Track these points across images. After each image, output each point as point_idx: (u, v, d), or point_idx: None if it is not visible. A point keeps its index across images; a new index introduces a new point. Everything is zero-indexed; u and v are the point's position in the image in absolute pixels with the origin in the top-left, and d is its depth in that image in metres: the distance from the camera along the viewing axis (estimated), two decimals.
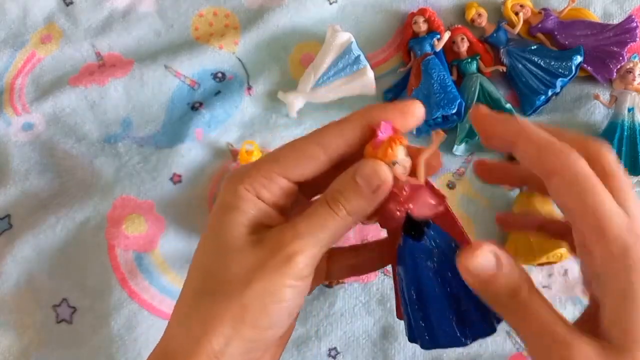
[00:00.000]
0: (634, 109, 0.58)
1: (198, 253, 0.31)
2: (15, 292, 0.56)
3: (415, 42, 0.63)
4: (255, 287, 0.27)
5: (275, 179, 0.30)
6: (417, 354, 0.54)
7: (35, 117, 0.63)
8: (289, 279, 0.28)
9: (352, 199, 0.29)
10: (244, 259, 0.28)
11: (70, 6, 0.67)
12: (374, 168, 0.28)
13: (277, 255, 0.28)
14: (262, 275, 0.28)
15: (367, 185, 0.28)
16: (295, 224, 0.29)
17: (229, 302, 0.28)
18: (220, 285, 0.28)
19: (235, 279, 0.28)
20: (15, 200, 0.60)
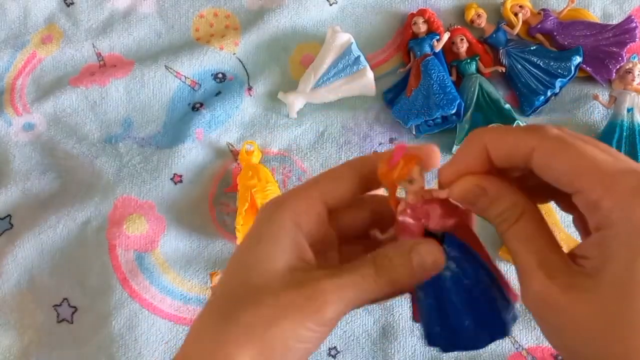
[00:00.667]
0: (633, 109, 0.58)
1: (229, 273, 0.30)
2: (16, 292, 0.57)
3: (414, 42, 0.63)
4: (281, 326, 0.27)
5: (314, 203, 0.30)
6: (416, 353, 0.55)
7: (36, 117, 0.63)
8: (318, 326, 0.27)
9: (400, 270, 0.28)
10: (277, 296, 0.27)
11: (71, 7, 0.67)
12: (435, 254, 0.29)
13: (312, 301, 0.27)
14: (293, 317, 0.27)
15: (421, 266, 0.28)
16: (337, 275, 0.28)
17: (254, 336, 0.27)
18: (250, 315, 0.27)
19: (265, 314, 0.27)
20: (16, 200, 0.60)
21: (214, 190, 0.60)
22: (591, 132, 0.61)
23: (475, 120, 0.60)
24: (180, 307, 0.56)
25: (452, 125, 0.61)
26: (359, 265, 0.29)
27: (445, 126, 0.61)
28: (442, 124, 0.61)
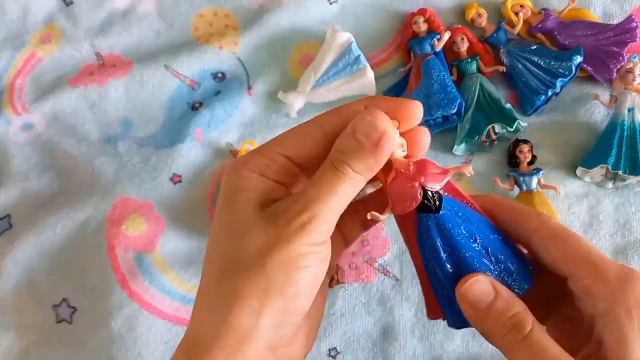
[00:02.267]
0: (634, 109, 0.58)
1: (212, 240, 0.31)
2: (16, 292, 0.56)
3: (415, 42, 0.63)
4: (276, 256, 0.27)
5: (277, 159, 0.31)
6: (417, 353, 0.54)
7: (35, 117, 0.63)
8: (307, 244, 0.28)
9: (356, 157, 0.28)
10: (259, 233, 0.28)
11: (70, 6, 0.67)
12: (371, 120, 0.28)
13: (292, 223, 0.28)
14: (280, 244, 0.27)
15: (369, 139, 0.28)
16: (305, 191, 0.29)
17: (251, 276, 0.27)
18: (240, 263, 0.28)
19: (254, 253, 0.28)
20: (16, 201, 0.60)
21: (214, 190, 0.60)
22: (592, 132, 0.60)
23: (476, 119, 0.60)
24: (179, 308, 0.56)
25: (452, 125, 0.61)
26: (321, 172, 0.29)
27: (446, 126, 0.60)
28: (442, 124, 0.60)
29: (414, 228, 0.30)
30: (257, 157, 0.31)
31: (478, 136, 0.59)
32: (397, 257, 0.57)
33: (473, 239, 0.29)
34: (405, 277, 0.57)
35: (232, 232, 0.29)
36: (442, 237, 0.29)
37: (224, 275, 0.28)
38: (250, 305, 0.27)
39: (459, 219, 0.29)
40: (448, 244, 0.29)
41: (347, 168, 0.28)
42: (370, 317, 0.56)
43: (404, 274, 0.57)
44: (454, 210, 0.30)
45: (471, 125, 0.60)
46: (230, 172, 0.31)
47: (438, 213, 0.29)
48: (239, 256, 0.28)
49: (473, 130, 0.60)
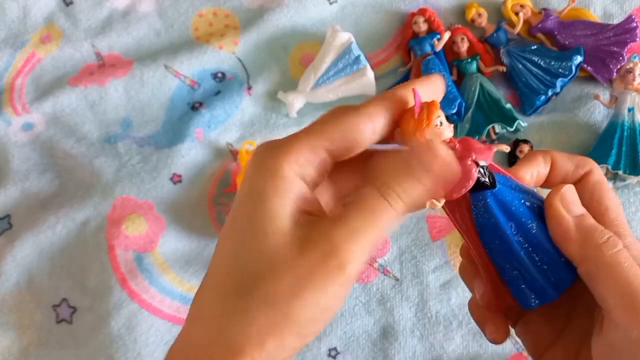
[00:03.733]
0: (634, 109, 0.58)
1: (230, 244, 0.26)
2: (15, 292, 0.56)
3: (415, 42, 0.63)
4: (306, 297, 0.24)
5: (321, 155, 0.25)
6: (417, 354, 0.54)
7: (35, 117, 0.63)
8: (341, 287, 0.24)
9: (411, 189, 0.25)
10: (292, 262, 0.24)
11: (70, 6, 0.67)
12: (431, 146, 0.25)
13: (330, 261, 0.24)
14: (314, 286, 0.24)
15: (426, 168, 0.25)
16: (347, 220, 0.24)
17: (274, 313, 0.24)
18: (264, 291, 0.24)
19: (282, 287, 0.24)
20: (15, 201, 0.60)
21: (214, 190, 0.60)
22: (592, 132, 0.60)
23: (476, 119, 0.60)
24: (179, 308, 0.55)
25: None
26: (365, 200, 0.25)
27: None
28: None
29: (469, 212, 0.28)
30: (300, 148, 0.25)
31: (478, 136, 0.59)
32: (397, 257, 0.57)
33: (531, 207, 0.28)
34: (405, 277, 0.57)
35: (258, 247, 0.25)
36: (505, 211, 0.27)
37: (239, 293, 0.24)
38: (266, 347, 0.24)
39: (513, 190, 0.28)
40: (512, 218, 0.27)
41: (398, 201, 0.25)
42: (370, 317, 0.56)
43: (404, 274, 0.57)
44: (505, 184, 0.28)
45: (471, 125, 0.60)
46: (265, 163, 0.25)
47: (495, 188, 0.27)
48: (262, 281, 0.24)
49: (473, 130, 0.59)
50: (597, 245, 0.26)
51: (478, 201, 0.28)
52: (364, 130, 0.26)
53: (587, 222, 0.27)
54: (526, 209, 0.28)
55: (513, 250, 0.27)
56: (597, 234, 0.26)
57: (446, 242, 0.58)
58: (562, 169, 0.30)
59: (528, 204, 0.28)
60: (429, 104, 0.26)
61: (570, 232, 0.26)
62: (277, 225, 0.25)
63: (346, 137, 0.26)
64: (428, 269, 0.57)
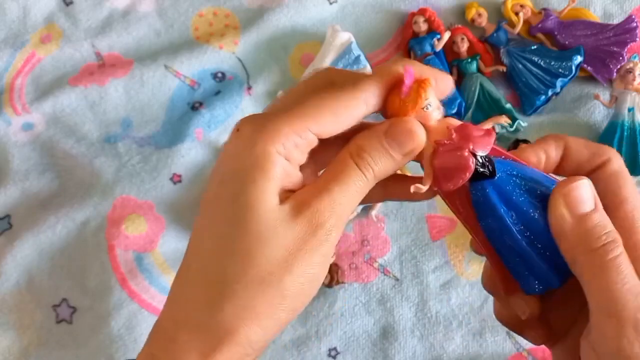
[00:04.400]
0: (634, 109, 0.58)
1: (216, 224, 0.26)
2: (15, 292, 0.56)
3: (415, 42, 0.63)
4: (296, 271, 0.25)
5: (308, 137, 0.26)
6: (417, 354, 0.54)
7: (35, 117, 0.63)
8: (325, 256, 0.25)
9: (382, 162, 0.26)
10: (281, 237, 0.25)
11: (70, 6, 0.67)
12: (409, 128, 0.26)
13: (318, 231, 0.25)
14: (304, 257, 0.25)
15: (400, 148, 0.26)
16: (329, 190, 0.25)
17: (267, 291, 0.24)
18: (256, 269, 0.24)
19: (273, 263, 0.24)
20: (15, 201, 0.60)
21: None
22: (592, 132, 0.60)
23: (476, 119, 0.60)
24: None
25: None
26: (344, 169, 0.26)
27: None
28: None
29: (469, 201, 0.27)
30: (286, 132, 0.25)
31: None
32: (397, 257, 0.57)
33: (534, 193, 0.27)
34: (405, 277, 0.57)
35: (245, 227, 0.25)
36: (505, 201, 0.27)
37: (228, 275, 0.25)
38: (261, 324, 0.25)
39: (515, 178, 0.27)
40: (512, 207, 0.27)
41: (371, 172, 0.26)
42: (370, 317, 0.56)
43: (404, 274, 0.57)
44: (507, 171, 0.27)
45: None
46: (252, 146, 0.25)
47: (494, 178, 0.27)
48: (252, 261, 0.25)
49: None
50: (590, 250, 0.25)
51: (477, 191, 0.27)
52: (357, 113, 0.26)
53: (587, 224, 0.25)
54: (527, 197, 0.27)
55: (514, 239, 0.27)
56: (594, 238, 0.25)
57: (446, 242, 0.58)
58: (575, 156, 0.28)
59: (530, 191, 0.27)
60: (419, 83, 0.26)
61: (566, 232, 0.25)
62: (265, 205, 0.25)
63: (337, 120, 0.26)
64: (428, 269, 0.57)
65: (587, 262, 0.25)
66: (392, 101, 0.26)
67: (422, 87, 0.26)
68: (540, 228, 0.26)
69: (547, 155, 0.28)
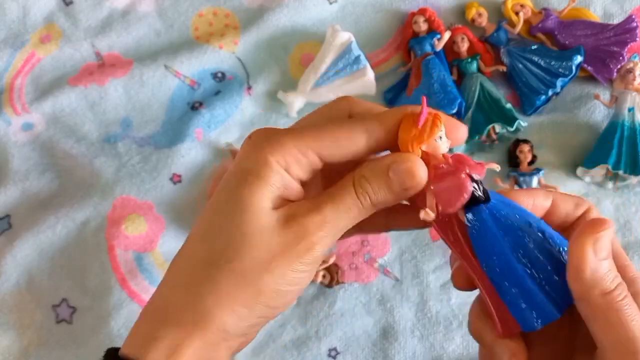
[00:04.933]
0: (634, 108, 0.58)
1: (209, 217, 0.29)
2: (15, 292, 0.56)
3: (415, 41, 0.63)
4: (276, 272, 0.27)
5: (309, 156, 0.28)
6: (416, 354, 0.54)
7: (34, 117, 0.63)
8: (307, 265, 0.27)
9: (380, 193, 0.28)
10: (267, 239, 0.27)
11: (70, 6, 0.67)
12: (413, 167, 0.27)
13: (301, 242, 0.27)
14: (284, 262, 0.27)
15: (400, 183, 0.27)
16: (321, 208, 0.27)
17: (246, 284, 0.27)
18: (238, 261, 0.27)
19: (255, 260, 0.27)
20: (15, 201, 0.60)
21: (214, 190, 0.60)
22: (592, 132, 0.60)
23: (476, 119, 0.60)
24: None
25: None
26: (341, 193, 0.28)
27: None
28: None
29: (462, 230, 0.28)
30: (289, 148, 0.27)
31: (478, 136, 0.59)
32: (397, 257, 0.57)
33: (528, 223, 0.27)
34: (405, 277, 0.57)
35: (237, 222, 0.27)
36: (501, 226, 0.27)
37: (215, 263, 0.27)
38: (237, 310, 0.27)
39: (506, 205, 0.28)
40: (509, 232, 0.27)
41: (367, 199, 0.28)
42: (370, 317, 0.56)
43: (404, 274, 0.57)
44: (500, 200, 0.28)
45: (471, 125, 0.60)
46: (255, 154, 0.28)
47: (489, 202, 0.27)
48: (237, 253, 0.27)
49: (473, 130, 0.59)
50: (604, 292, 0.26)
51: (473, 216, 0.27)
52: (358, 142, 0.28)
53: (603, 268, 0.26)
54: (524, 224, 0.27)
55: (510, 266, 0.27)
56: (608, 282, 0.26)
57: None
58: (563, 208, 0.30)
59: (524, 220, 0.27)
60: (434, 116, 0.27)
61: (586, 274, 0.26)
62: (256, 206, 0.27)
63: (337, 145, 0.28)
64: (428, 269, 0.57)
65: (602, 303, 0.26)
66: (407, 130, 0.27)
67: (438, 118, 0.27)
68: (537, 256, 0.27)
69: (534, 202, 0.30)
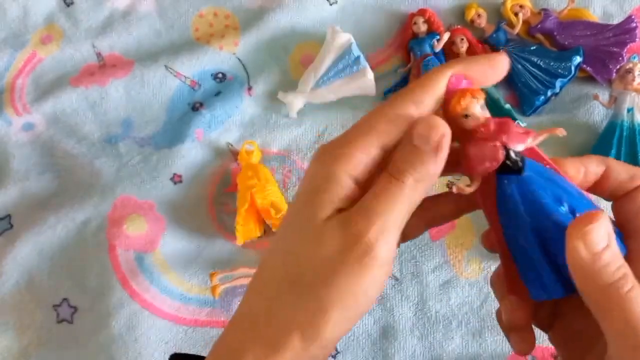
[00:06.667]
0: (633, 109, 0.58)
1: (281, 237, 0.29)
2: (16, 292, 0.57)
3: (415, 42, 0.63)
4: (341, 285, 0.26)
5: (372, 152, 0.27)
6: (416, 353, 0.54)
7: (35, 117, 0.63)
8: (376, 270, 0.26)
9: (416, 165, 0.27)
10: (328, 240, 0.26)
11: (71, 6, 0.67)
12: (428, 124, 0.27)
13: (356, 250, 0.26)
14: (348, 275, 0.26)
15: (427, 144, 0.26)
16: (366, 208, 0.27)
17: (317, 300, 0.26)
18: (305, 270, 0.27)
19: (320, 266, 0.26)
20: (16, 200, 0.60)
21: (214, 191, 0.60)
22: (591, 132, 0.61)
23: None
24: (180, 308, 0.56)
25: None
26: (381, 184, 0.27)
27: None
28: None
29: (493, 194, 0.28)
30: (352, 152, 0.27)
31: None
32: (397, 257, 0.57)
33: (560, 202, 0.27)
34: (405, 277, 0.57)
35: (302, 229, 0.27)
36: (526, 201, 0.27)
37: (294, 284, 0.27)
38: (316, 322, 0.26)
39: (544, 182, 0.27)
40: (533, 208, 0.27)
41: (408, 177, 0.27)
42: (370, 317, 0.56)
43: (404, 273, 0.57)
44: (538, 173, 0.27)
45: None
46: (320, 168, 0.28)
47: (521, 174, 0.27)
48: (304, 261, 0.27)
49: None
50: (605, 285, 0.25)
51: (502, 185, 0.27)
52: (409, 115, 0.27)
53: (602, 260, 0.26)
54: (552, 203, 0.27)
55: (527, 239, 0.27)
56: (608, 274, 0.25)
57: (446, 242, 0.58)
58: (616, 177, 0.29)
59: (557, 199, 0.27)
60: (461, 91, 0.27)
61: (583, 268, 0.26)
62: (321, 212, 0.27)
63: (394, 127, 0.27)
64: (428, 269, 0.57)
65: (603, 296, 0.25)
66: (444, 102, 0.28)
67: (462, 97, 0.27)
68: (556, 236, 0.26)
69: (586, 170, 0.29)
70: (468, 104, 0.27)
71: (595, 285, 0.26)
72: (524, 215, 0.27)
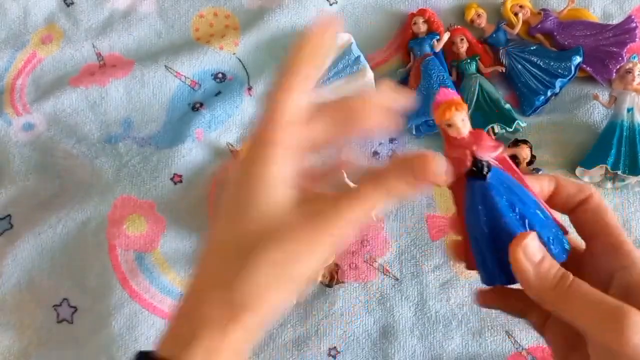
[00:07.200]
0: (633, 109, 0.58)
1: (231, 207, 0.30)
2: (16, 292, 0.57)
3: (415, 42, 0.63)
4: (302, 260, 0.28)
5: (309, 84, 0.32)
6: (416, 353, 0.54)
7: (35, 117, 0.63)
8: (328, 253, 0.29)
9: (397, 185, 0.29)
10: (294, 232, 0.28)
11: (71, 7, 0.67)
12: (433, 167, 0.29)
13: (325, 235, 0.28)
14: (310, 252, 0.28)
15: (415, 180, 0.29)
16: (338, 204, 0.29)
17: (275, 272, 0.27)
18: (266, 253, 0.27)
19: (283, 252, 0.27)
20: (16, 200, 0.60)
21: (214, 190, 0.60)
22: (591, 132, 0.61)
23: (475, 120, 0.60)
24: None
25: None
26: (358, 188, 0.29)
27: None
28: None
29: (463, 191, 0.33)
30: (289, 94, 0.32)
31: None
32: (397, 257, 0.57)
33: (512, 208, 0.31)
34: (405, 277, 0.57)
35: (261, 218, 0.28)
36: (484, 203, 0.31)
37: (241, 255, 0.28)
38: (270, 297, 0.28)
39: (503, 189, 0.32)
40: (488, 210, 0.31)
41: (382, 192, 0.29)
42: (370, 317, 0.56)
43: (404, 273, 0.57)
44: (500, 181, 0.32)
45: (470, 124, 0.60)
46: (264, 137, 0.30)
47: (484, 180, 0.31)
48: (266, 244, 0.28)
49: None
50: (552, 287, 0.29)
51: (469, 186, 0.32)
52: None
53: (543, 267, 0.30)
54: (505, 208, 0.31)
55: (482, 233, 0.32)
56: (551, 277, 0.29)
57: (445, 242, 0.58)
58: (566, 191, 0.33)
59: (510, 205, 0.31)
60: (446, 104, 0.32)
61: (529, 278, 0.29)
62: (278, 194, 0.28)
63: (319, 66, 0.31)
64: (428, 269, 0.57)
65: (555, 296, 0.29)
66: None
67: (448, 109, 0.32)
68: (503, 235, 0.31)
69: (540, 187, 0.33)
70: (452, 115, 0.31)
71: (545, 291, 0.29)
72: (481, 214, 0.31)
